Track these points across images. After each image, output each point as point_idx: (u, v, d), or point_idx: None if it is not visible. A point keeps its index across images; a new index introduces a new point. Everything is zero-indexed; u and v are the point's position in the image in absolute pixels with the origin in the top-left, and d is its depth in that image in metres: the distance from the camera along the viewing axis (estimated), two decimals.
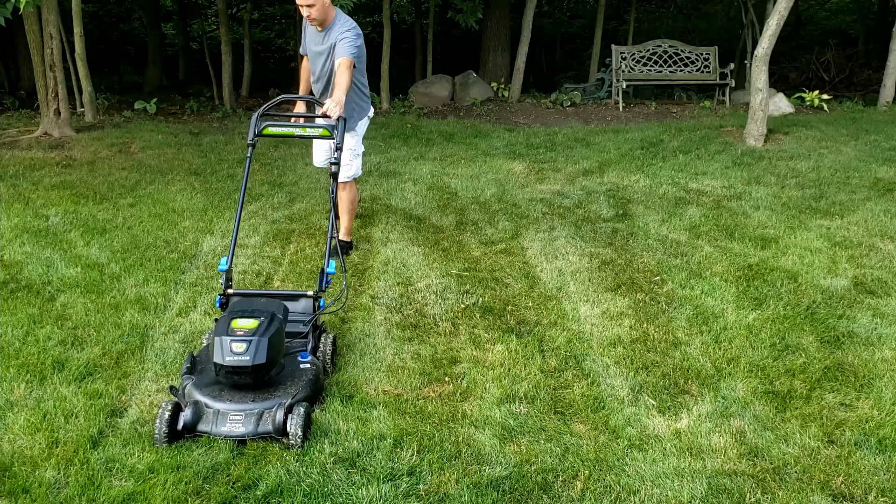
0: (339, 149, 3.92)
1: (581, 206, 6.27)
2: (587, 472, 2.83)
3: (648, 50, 12.61)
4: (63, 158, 7.74)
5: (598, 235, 5.49)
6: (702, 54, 12.58)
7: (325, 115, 4.17)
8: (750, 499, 2.71)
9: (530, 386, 3.42)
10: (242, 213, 3.92)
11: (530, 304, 4.31)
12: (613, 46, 12.59)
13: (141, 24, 18.39)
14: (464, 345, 3.82)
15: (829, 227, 5.68)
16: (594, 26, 14.03)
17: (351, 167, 4.93)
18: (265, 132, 3.87)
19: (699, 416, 3.21)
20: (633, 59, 12.46)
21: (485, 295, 4.41)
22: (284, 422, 2.94)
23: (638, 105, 12.25)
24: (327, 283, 3.66)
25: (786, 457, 2.93)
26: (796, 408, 3.27)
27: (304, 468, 2.80)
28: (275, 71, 17.66)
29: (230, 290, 3.55)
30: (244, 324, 3.09)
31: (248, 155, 3.96)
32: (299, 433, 2.92)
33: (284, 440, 2.93)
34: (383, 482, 2.74)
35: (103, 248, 5.06)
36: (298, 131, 4.06)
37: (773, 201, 6.36)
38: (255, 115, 3.91)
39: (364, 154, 5.21)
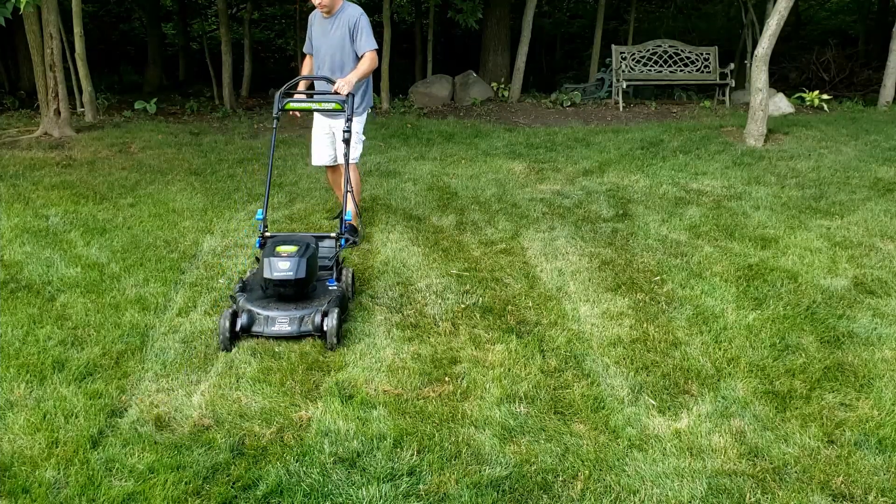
0: (349, 119, 4.58)
1: (581, 206, 6.27)
2: (587, 472, 2.83)
3: (648, 50, 12.62)
4: (63, 158, 7.74)
5: (598, 235, 5.49)
6: (702, 54, 12.58)
7: (335, 92, 4.74)
8: (750, 499, 2.71)
9: (530, 386, 3.42)
10: (242, 215, 3.97)
11: (530, 304, 4.31)
12: (613, 46, 12.59)
13: (141, 24, 18.40)
14: (464, 345, 3.82)
15: (829, 227, 5.68)
16: (594, 26, 14.04)
17: (355, 150, 5.21)
18: (287, 107, 4.62)
19: (699, 416, 3.21)
20: (633, 59, 12.46)
21: (485, 295, 4.41)
22: (322, 323, 3.73)
23: (638, 105, 12.25)
24: (346, 228, 4.57)
25: (786, 457, 2.93)
26: (796, 408, 3.27)
27: (304, 468, 2.81)
28: (275, 71, 17.66)
29: (268, 234, 4.25)
30: (287, 249, 3.90)
31: (274, 127, 4.63)
32: (334, 331, 3.71)
33: (322, 339, 3.74)
34: (383, 482, 2.74)
35: (103, 248, 5.06)
36: (315, 105, 4.73)
37: (773, 201, 6.36)
38: (278, 93, 4.62)
39: (362, 155, 5.32)
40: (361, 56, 5.05)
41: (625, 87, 11.95)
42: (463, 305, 4.27)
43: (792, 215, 5.97)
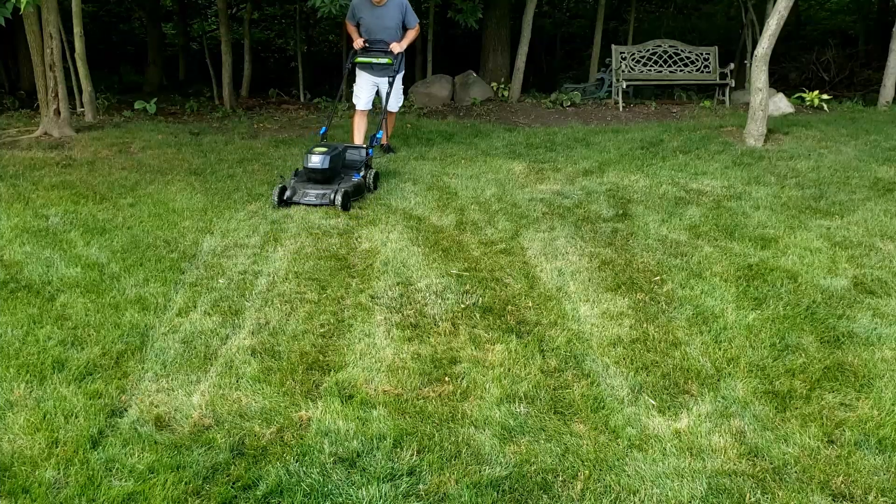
0: (396, 72, 7.28)
1: (581, 206, 6.27)
2: (587, 472, 2.83)
3: (648, 50, 12.61)
4: (63, 158, 7.74)
5: (598, 235, 5.50)
6: (702, 54, 12.58)
7: (390, 51, 7.23)
8: (750, 499, 2.71)
9: (530, 386, 3.42)
10: (241, 215, 3.96)
11: (530, 304, 4.31)
12: (613, 46, 12.59)
13: (141, 24, 18.40)
14: (464, 345, 3.82)
15: (829, 227, 5.68)
16: (594, 26, 14.04)
17: (401, 99, 7.91)
18: (356, 60, 7.37)
19: (699, 416, 3.21)
20: (633, 59, 12.46)
21: (485, 295, 4.41)
22: (334, 198, 5.86)
23: (638, 105, 12.25)
24: (376, 141, 6.93)
25: (786, 457, 2.93)
26: (796, 408, 3.27)
27: (304, 468, 2.81)
28: (275, 71, 17.66)
29: (323, 142, 6.60)
30: (320, 148, 6.13)
31: (345, 74, 7.84)
32: (339, 202, 5.85)
33: (335, 207, 5.87)
34: (383, 482, 2.74)
35: (103, 248, 5.06)
36: (374, 60, 7.29)
37: (773, 201, 6.36)
38: (351, 52, 7.39)
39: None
40: (409, 29, 7.48)
41: (625, 87, 11.95)
42: (463, 305, 4.27)
43: (792, 215, 5.97)
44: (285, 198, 5.94)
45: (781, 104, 11.07)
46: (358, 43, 7.28)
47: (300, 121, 10.85)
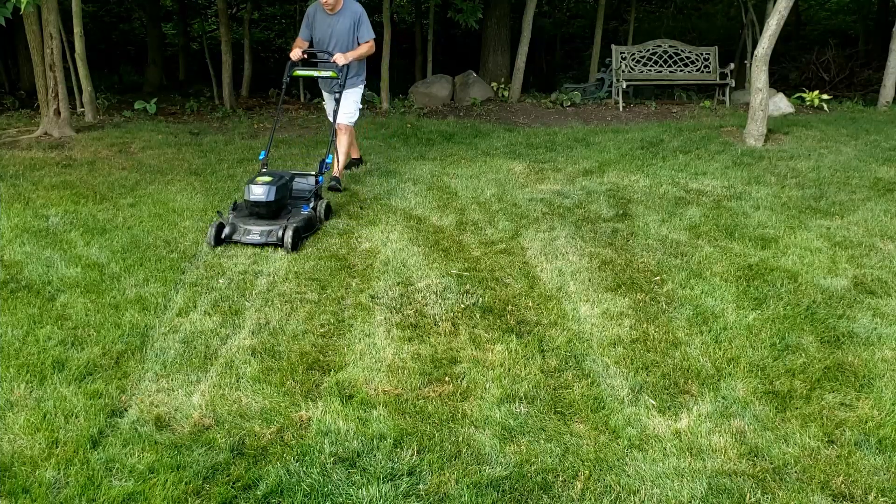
0: (342, 84, 6.15)
1: (581, 206, 6.27)
2: (587, 472, 2.83)
3: (648, 50, 12.61)
4: (63, 158, 7.74)
5: (598, 235, 5.49)
6: (702, 54, 12.58)
7: (333, 62, 6.17)
8: (750, 499, 2.71)
9: (530, 386, 3.42)
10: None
11: (530, 304, 4.31)
12: (613, 46, 12.59)
13: (141, 24, 18.39)
14: (464, 345, 3.82)
15: (829, 227, 5.68)
16: (594, 26, 14.03)
17: (354, 115, 6.75)
18: (294, 74, 6.25)
19: (699, 416, 3.21)
20: (633, 59, 12.46)
21: (485, 295, 4.41)
22: (282, 236, 4.96)
23: (638, 105, 12.25)
24: (326, 168, 5.85)
25: (786, 457, 2.93)
26: (796, 408, 3.27)
27: (304, 468, 2.81)
28: (275, 71, 17.64)
29: (264, 170, 5.49)
30: (263, 178, 5.22)
31: (282, 90, 6.63)
32: (289, 242, 4.94)
33: (283, 249, 4.96)
34: (383, 482, 2.74)
35: (103, 248, 5.06)
36: (315, 73, 6.35)
37: (773, 201, 6.36)
38: (288, 63, 6.24)
39: (365, 154, 5.60)
40: (362, 43, 6.47)
41: (625, 87, 11.94)
42: (463, 305, 4.27)
43: (792, 215, 5.97)
44: (223, 236, 5.07)
45: (781, 104, 11.07)
46: (294, 53, 6.34)
47: (300, 121, 10.86)
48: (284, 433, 3.04)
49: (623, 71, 12.10)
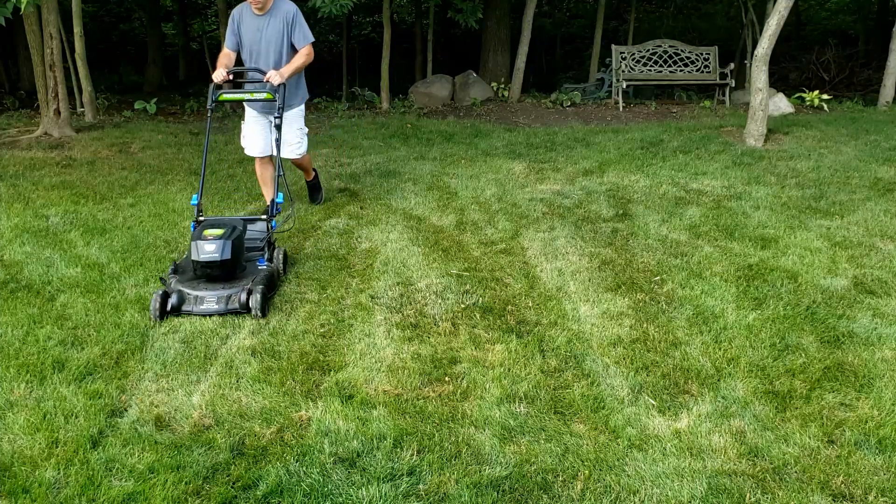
0: (280, 107, 4.93)
1: (581, 206, 6.27)
2: (587, 472, 2.83)
3: (648, 50, 12.62)
4: (63, 158, 7.74)
5: (598, 235, 5.49)
6: (702, 54, 12.58)
7: (267, 81, 4.92)
8: (750, 499, 2.71)
9: (530, 386, 3.42)
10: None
11: (530, 304, 4.31)
12: (613, 46, 12.59)
13: (141, 24, 18.40)
14: (464, 345, 3.82)
15: (829, 227, 5.68)
16: (594, 26, 14.04)
17: (301, 145, 5.61)
18: (220, 98, 4.84)
19: (699, 416, 3.21)
20: (633, 59, 12.46)
21: (485, 295, 4.41)
22: (247, 301, 4.01)
23: (638, 105, 12.25)
24: (277, 210, 4.76)
25: (786, 457, 2.93)
26: (796, 408, 3.27)
27: (304, 468, 2.81)
28: None
29: (201, 218, 4.48)
30: (213, 231, 4.13)
31: (209, 116, 5.02)
32: (258, 306, 4.00)
33: (249, 314, 4.01)
34: (383, 482, 2.74)
35: (103, 248, 5.06)
36: (247, 95, 4.98)
37: (773, 201, 6.36)
38: (211, 86, 4.86)
39: (365, 154, 5.47)
40: (299, 49, 5.27)
41: (625, 87, 11.95)
42: (463, 305, 4.27)
43: (792, 215, 5.97)
44: (170, 308, 4.00)
45: (781, 104, 11.07)
46: (217, 75, 4.96)
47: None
48: (284, 433, 3.03)
49: (623, 71, 12.10)
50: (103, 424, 3.06)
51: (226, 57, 5.32)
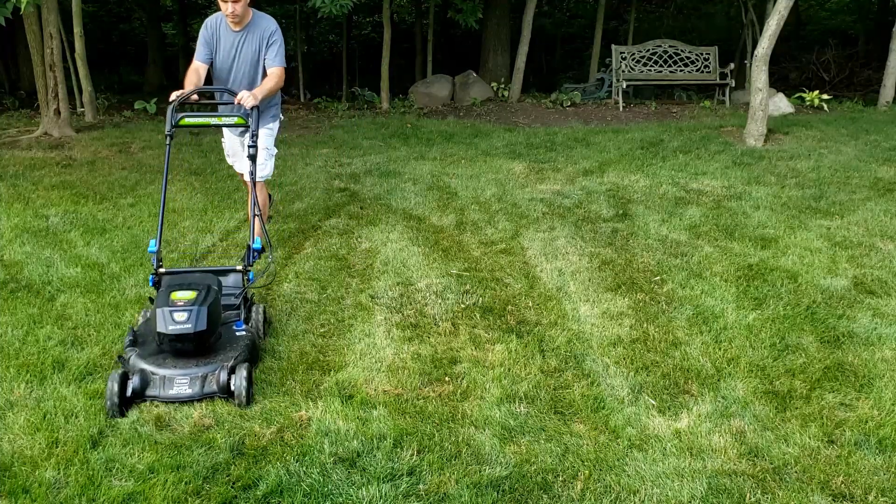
0: (254, 134, 4.08)
1: (581, 206, 6.27)
2: (587, 471, 2.83)
3: (648, 50, 12.62)
4: (63, 158, 7.74)
5: (598, 235, 5.49)
6: (702, 54, 12.58)
7: (238, 103, 4.23)
8: (750, 499, 2.71)
9: (530, 386, 3.42)
10: (241, 215, 3.93)
11: (530, 304, 4.31)
12: (613, 46, 12.59)
13: (141, 24, 18.40)
14: (464, 345, 3.82)
15: (829, 227, 5.68)
16: (594, 26, 14.04)
17: (265, 167, 4.90)
18: (182, 123, 3.99)
19: (699, 416, 3.21)
20: (633, 59, 12.46)
21: (485, 295, 4.41)
22: (228, 381, 3.19)
23: (638, 105, 12.25)
24: (254, 258, 3.88)
25: (786, 457, 2.93)
26: (796, 408, 3.27)
27: (304, 468, 2.81)
28: None
29: (161, 270, 3.72)
30: (183, 295, 3.32)
31: (168, 144, 4.07)
32: (243, 391, 3.17)
33: (230, 399, 3.18)
34: (383, 482, 2.74)
35: (103, 248, 5.06)
36: (214, 120, 4.21)
37: (773, 201, 6.36)
38: (170, 108, 4.00)
39: (365, 154, 5.31)
40: (269, 70, 4.66)
41: (625, 87, 11.95)
42: (463, 305, 4.27)
43: (792, 215, 5.97)
44: (130, 394, 3.14)
45: (781, 104, 11.08)
46: (174, 95, 4.22)
47: (300, 120, 10.85)
48: (284, 433, 3.03)
49: (623, 71, 12.10)
50: (103, 424, 3.06)
51: (195, 73, 4.71)
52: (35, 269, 4.64)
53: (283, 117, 5.17)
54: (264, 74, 4.73)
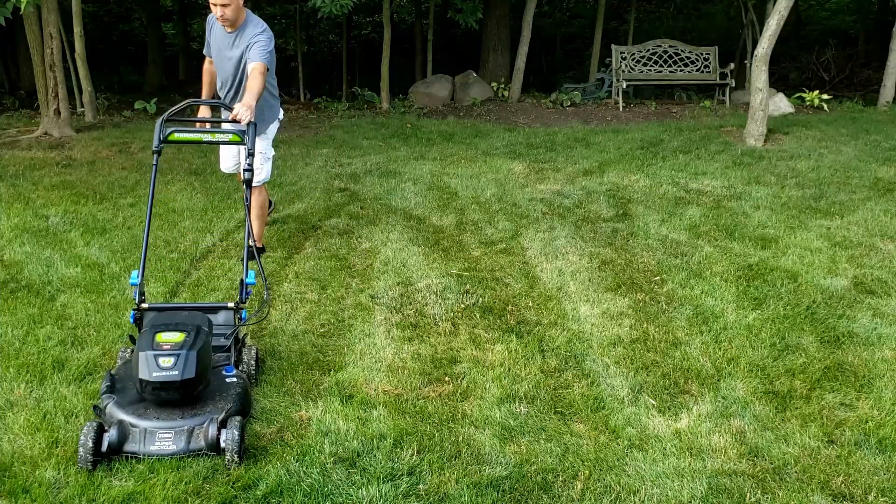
0: (250, 154, 3.70)
1: (581, 206, 6.27)
2: (587, 471, 2.83)
3: (648, 50, 12.62)
4: (63, 158, 7.74)
5: (598, 235, 5.49)
6: (702, 54, 12.58)
7: (234, 121, 3.93)
8: (750, 499, 2.71)
9: (530, 386, 3.42)
10: (241, 215, 3.90)
11: (530, 304, 4.31)
12: (613, 46, 12.59)
13: (141, 24, 18.40)
14: (464, 345, 3.82)
15: (829, 227, 5.68)
16: (594, 26, 14.03)
17: (262, 171, 4.76)
18: (171, 138, 3.64)
19: (699, 416, 3.21)
20: (633, 59, 12.46)
21: (485, 295, 4.41)
22: (218, 437, 2.83)
23: (638, 105, 12.25)
24: (247, 293, 3.49)
25: (786, 457, 2.93)
26: (796, 408, 3.27)
27: (304, 468, 2.81)
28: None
29: (144, 305, 3.34)
30: (170, 337, 2.94)
31: (154, 162, 3.78)
32: (236, 449, 2.80)
33: (220, 457, 2.83)
34: (383, 482, 2.74)
35: (103, 248, 5.05)
36: (207, 137, 3.90)
37: (773, 201, 6.36)
38: (159, 121, 3.68)
39: (365, 154, 5.28)
40: (250, 65, 4.41)
41: (625, 87, 11.95)
42: (463, 305, 4.27)
43: (792, 215, 5.97)
44: (106, 448, 2.79)
45: (781, 104, 11.07)
46: (169, 112, 3.83)
47: (300, 120, 10.85)
48: (284, 433, 3.03)
49: (623, 71, 12.10)
50: None
51: (208, 73, 4.69)
52: (35, 269, 4.64)
53: (283, 117, 5.10)
54: (244, 75, 4.53)
